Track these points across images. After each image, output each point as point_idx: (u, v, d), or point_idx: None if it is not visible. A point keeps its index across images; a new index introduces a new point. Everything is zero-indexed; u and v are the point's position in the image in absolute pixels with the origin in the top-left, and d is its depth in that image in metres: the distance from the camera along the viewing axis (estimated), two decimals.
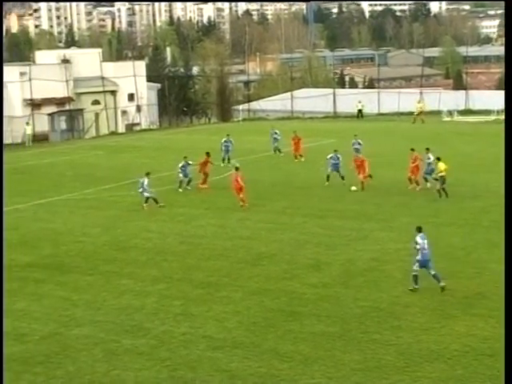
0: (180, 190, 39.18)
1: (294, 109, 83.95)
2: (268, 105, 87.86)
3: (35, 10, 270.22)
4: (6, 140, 66.94)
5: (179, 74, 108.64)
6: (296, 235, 30.32)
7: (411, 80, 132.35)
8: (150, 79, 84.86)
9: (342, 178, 39.29)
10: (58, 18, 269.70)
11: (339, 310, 21.72)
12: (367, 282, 24.18)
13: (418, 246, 22.96)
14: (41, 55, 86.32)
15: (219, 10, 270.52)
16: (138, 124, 78.17)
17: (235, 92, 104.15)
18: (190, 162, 40.18)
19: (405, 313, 21.20)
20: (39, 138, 67.57)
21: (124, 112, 78.36)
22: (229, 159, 46.66)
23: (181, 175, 39.32)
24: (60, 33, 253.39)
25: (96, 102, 76.38)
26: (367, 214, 33.47)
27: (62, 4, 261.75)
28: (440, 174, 35.52)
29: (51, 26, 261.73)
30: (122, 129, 76.93)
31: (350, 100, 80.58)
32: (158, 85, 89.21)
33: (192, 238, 30.45)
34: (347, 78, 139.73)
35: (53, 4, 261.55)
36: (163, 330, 20.57)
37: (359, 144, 46.36)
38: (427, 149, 38.25)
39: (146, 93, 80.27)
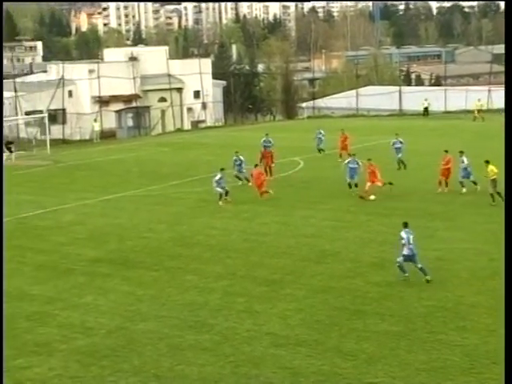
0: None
1: (359, 106, 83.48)
2: (333, 102, 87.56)
3: (104, 9, 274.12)
4: (75, 137, 68.17)
5: (244, 72, 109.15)
6: (360, 233, 30.16)
7: (479, 77, 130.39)
8: (215, 76, 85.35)
9: (356, 185, 37.10)
10: (126, 16, 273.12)
11: (403, 309, 21.55)
12: (432, 281, 23.91)
13: (402, 241, 23.67)
14: (109, 53, 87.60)
15: (285, 7, 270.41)
16: (203, 121, 78.70)
17: (300, 89, 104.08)
18: (242, 158, 40.16)
19: (470, 313, 20.92)
20: (106, 135, 68.57)
21: (190, 109, 78.97)
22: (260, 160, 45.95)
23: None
24: (128, 31, 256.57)
25: (162, 99, 77.13)
26: (433, 213, 33.10)
27: (130, 3, 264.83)
28: (491, 178, 34.01)
29: (119, 25, 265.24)
30: (187, 126, 77.55)
31: (415, 98, 79.79)
32: (224, 82, 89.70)
33: (256, 235, 30.53)
34: (413, 76, 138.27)
35: (121, 3, 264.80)
36: (227, 327, 20.69)
37: (401, 143, 44.63)
38: (461, 152, 36.90)
39: (212, 90, 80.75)
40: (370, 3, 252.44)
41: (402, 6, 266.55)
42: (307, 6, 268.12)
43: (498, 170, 33.42)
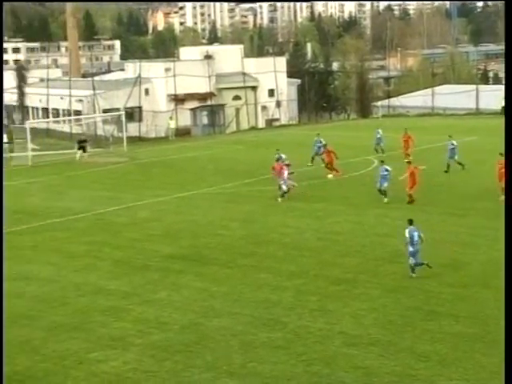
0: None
1: (435, 105, 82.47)
2: (408, 101, 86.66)
3: (180, 8, 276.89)
4: (151, 134, 69.03)
5: (319, 70, 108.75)
6: (434, 233, 29.78)
7: None
8: (290, 75, 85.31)
9: (382, 191, 35.77)
10: (202, 15, 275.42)
11: (478, 311, 21.25)
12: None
13: (407, 240, 24.22)
14: (185, 51, 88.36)
15: (360, 5, 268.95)
16: (277, 119, 78.76)
17: (375, 88, 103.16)
18: (283, 156, 40.21)
19: None
20: (182, 133, 69.23)
21: (264, 107, 79.12)
22: (312, 159, 45.86)
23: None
24: (203, 29, 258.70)
25: (237, 98, 77.47)
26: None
27: (206, 2, 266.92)
28: None
29: (195, 23, 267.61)
30: (261, 124, 77.72)
31: (493, 96, 78.38)
32: (298, 80, 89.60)
33: (329, 234, 30.47)
34: (491, 74, 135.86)
35: (197, 2, 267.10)
36: (299, 325, 20.71)
37: (452, 145, 43.34)
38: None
39: (286, 88, 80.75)
40: (448, 1, 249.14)
41: (480, 4, 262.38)
42: (383, 4, 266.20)
43: None
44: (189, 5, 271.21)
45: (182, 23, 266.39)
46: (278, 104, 79.28)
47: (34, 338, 20.38)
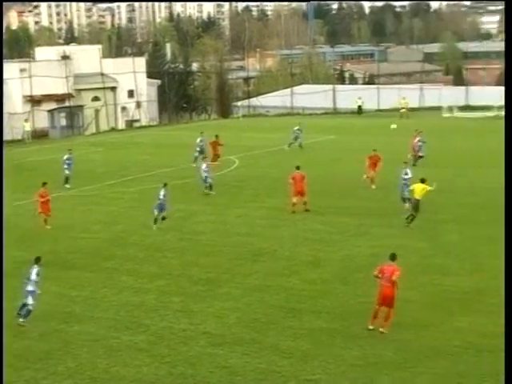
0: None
1: (294, 105, 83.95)
2: (268, 101, 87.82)
3: (35, 7, 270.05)
4: (7, 137, 66.93)
5: (179, 71, 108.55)
6: (296, 231, 30.33)
7: (411, 76, 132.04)
8: (149, 75, 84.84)
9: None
10: (58, 14, 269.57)
11: (339, 307, 21.74)
12: (366, 278, 24.15)
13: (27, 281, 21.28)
14: (41, 52, 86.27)
15: (219, 6, 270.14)
16: (137, 120, 78.15)
17: (235, 88, 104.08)
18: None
19: (405, 309, 21.16)
20: (39, 135, 67.52)
21: (124, 108, 78.34)
22: (195, 159, 46.09)
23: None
24: (60, 29, 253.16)
25: (96, 99, 76.36)
26: (367, 211, 33.46)
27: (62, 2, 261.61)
28: (418, 197, 30.13)
29: (51, 23, 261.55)
30: (121, 125, 76.91)
31: (349, 96, 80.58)
32: (158, 81, 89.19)
33: (191, 234, 30.46)
34: (347, 74, 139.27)
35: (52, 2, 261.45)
36: (163, 327, 20.59)
37: (421, 141, 44.03)
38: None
39: (146, 89, 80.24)
40: (304, 2, 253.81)
41: (335, 5, 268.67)
42: (241, 4, 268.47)
43: (427, 191, 29.98)
44: (44, 4, 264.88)
45: (37, 22, 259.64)
46: (138, 105, 78.67)
47: None
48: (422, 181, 30.36)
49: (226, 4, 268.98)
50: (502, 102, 78.29)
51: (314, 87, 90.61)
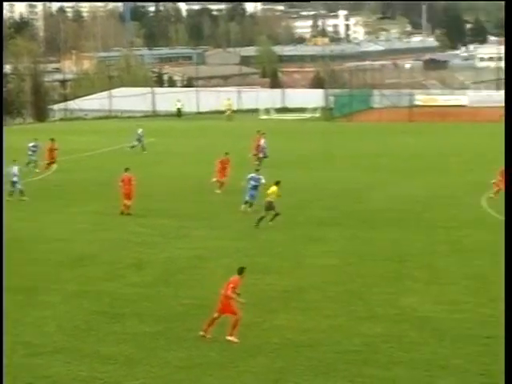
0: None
1: (112, 108, 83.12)
2: (86, 104, 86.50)
3: None
4: None
5: None
6: (117, 235, 29.96)
7: (229, 79, 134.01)
8: None
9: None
10: None
11: (162, 309, 21.64)
12: (189, 279, 24.26)
13: None
14: None
15: (32, 6, 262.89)
16: None
17: (51, 91, 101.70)
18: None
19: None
20: None
21: None
22: (35, 162, 45.04)
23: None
24: None
25: None
26: (187, 213, 33.57)
27: None
28: (270, 199, 30.66)
29: None
30: None
31: (169, 99, 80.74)
32: None
33: (7, 242, 29.35)
34: (166, 77, 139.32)
35: None
36: None
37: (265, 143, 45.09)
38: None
39: None
40: (120, 4, 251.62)
41: (152, 8, 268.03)
42: (55, 5, 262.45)
43: (279, 193, 30.61)
44: None
45: None
46: None
47: None
48: (277, 183, 30.79)
49: (40, 4, 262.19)
50: (316, 104, 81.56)
51: (133, 90, 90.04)
